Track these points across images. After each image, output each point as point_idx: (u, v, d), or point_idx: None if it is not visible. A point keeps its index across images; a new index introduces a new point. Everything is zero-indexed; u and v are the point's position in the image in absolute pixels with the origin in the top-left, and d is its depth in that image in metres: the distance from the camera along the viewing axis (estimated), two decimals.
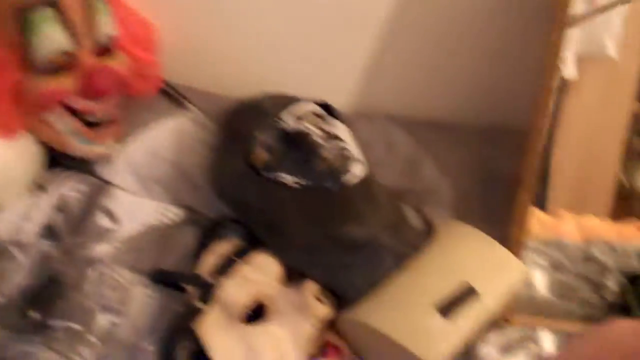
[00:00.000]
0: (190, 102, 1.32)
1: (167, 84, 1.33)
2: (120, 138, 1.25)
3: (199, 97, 1.33)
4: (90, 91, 1.14)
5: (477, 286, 1.02)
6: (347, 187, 1.05)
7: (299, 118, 1.12)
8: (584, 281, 1.22)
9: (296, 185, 1.06)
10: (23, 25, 1.08)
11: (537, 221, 1.32)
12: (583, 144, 1.46)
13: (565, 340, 1.06)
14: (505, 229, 1.13)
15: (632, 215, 1.58)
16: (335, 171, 1.05)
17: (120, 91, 1.20)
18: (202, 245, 1.16)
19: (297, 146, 1.08)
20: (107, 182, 1.24)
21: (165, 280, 1.12)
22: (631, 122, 1.53)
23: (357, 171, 1.07)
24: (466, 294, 1.00)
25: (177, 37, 1.32)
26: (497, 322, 1.13)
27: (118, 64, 1.18)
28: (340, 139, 1.10)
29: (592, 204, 1.55)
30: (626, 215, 1.57)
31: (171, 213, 1.22)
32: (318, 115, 1.15)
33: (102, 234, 1.18)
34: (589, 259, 1.26)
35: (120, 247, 1.16)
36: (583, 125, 1.45)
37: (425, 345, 0.96)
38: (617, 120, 1.53)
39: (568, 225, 1.34)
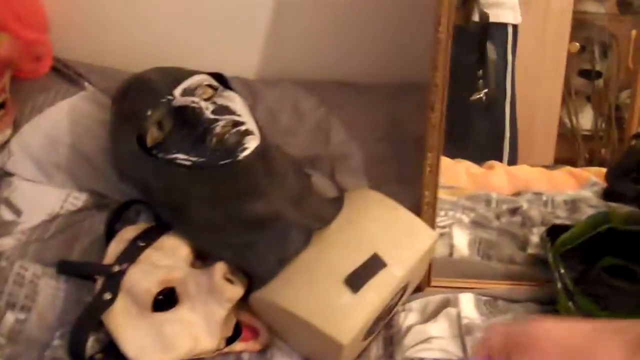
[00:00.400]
0: (85, 80, 1.26)
1: (60, 61, 1.27)
2: (16, 123, 1.19)
3: (94, 74, 1.28)
4: None
5: (385, 256, 0.99)
6: (243, 163, 1.01)
7: (191, 92, 1.07)
8: (507, 237, 1.20)
9: (190, 164, 1.02)
10: None
11: (467, 174, 1.29)
12: (525, 88, 1.44)
13: None
14: (419, 189, 1.10)
15: (577, 157, 1.56)
16: (229, 147, 1.01)
17: (7, 74, 1.14)
18: (110, 230, 1.13)
19: (189, 123, 1.03)
20: (6, 172, 1.20)
21: (71, 271, 1.09)
22: (569, 61, 1.51)
23: (251, 145, 1.02)
24: (374, 266, 0.98)
25: (67, 11, 1.25)
26: (418, 288, 1.11)
27: (0, 46, 1.12)
28: (234, 112, 1.05)
29: (537, 148, 1.53)
30: (571, 156, 1.56)
31: (75, 199, 1.18)
32: (211, 87, 1.10)
33: (5, 227, 1.13)
34: (515, 211, 1.24)
35: (24, 240, 1.12)
36: (523, 69, 1.42)
37: (334, 322, 0.94)
38: (556, 61, 1.50)
39: (498, 176, 1.31)
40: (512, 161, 1.39)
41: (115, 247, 1.08)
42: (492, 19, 1.32)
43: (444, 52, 1.02)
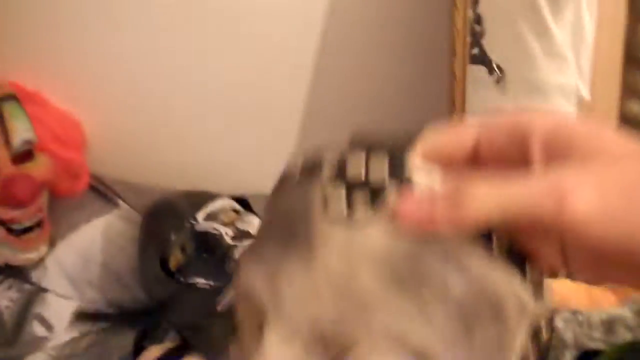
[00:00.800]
0: (120, 197, 1.30)
1: (97, 179, 1.32)
2: (52, 240, 1.24)
3: (129, 191, 1.32)
4: (9, 200, 1.13)
5: None
6: None
7: (214, 217, 1.10)
8: None
9: (209, 288, 1.05)
10: None
11: None
12: None
13: None
14: None
15: None
16: None
17: (46, 193, 1.19)
18: (137, 348, 1.15)
19: (210, 248, 1.06)
20: (41, 288, 1.24)
21: None
22: None
23: None
24: None
25: (104, 130, 1.31)
26: None
27: (39, 168, 1.18)
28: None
29: None
30: None
31: (106, 316, 1.21)
32: (234, 211, 1.13)
33: (37, 343, 1.17)
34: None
35: (54, 355, 1.15)
36: None
37: None
38: None
39: None
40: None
41: None
42: None
43: None
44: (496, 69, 1.18)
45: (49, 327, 1.18)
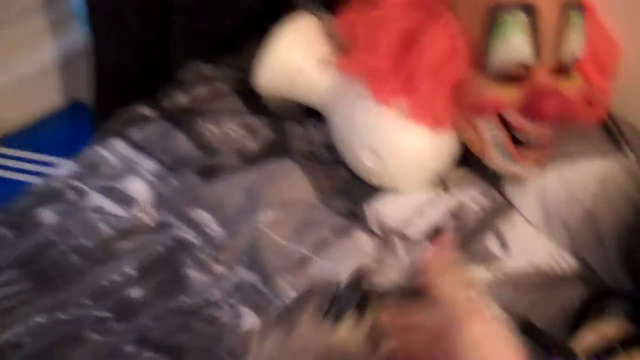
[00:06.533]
0: (628, 145, 1.23)
1: (611, 117, 1.26)
2: (542, 164, 1.21)
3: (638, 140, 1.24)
4: (532, 111, 1.12)
5: None
6: None
7: None
8: None
9: None
10: (491, 24, 1.09)
11: None
12: None
13: None
14: None
15: None
16: None
17: (562, 118, 1.16)
18: (584, 311, 1.13)
19: None
20: (511, 205, 1.24)
21: (530, 336, 1.11)
22: None
23: None
24: None
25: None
26: None
27: (572, 89, 1.14)
28: None
29: None
30: None
31: (565, 262, 1.19)
32: None
33: (486, 259, 1.18)
34: None
35: (499, 279, 1.16)
36: None
37: None
38: None
39: None
40: None
41: (589, 337, 1.08)
42: None
43: None
44: None
45: (504, 246, 1.19)
